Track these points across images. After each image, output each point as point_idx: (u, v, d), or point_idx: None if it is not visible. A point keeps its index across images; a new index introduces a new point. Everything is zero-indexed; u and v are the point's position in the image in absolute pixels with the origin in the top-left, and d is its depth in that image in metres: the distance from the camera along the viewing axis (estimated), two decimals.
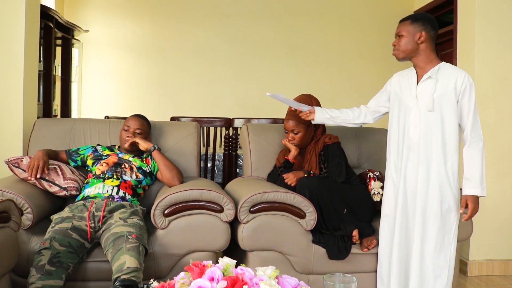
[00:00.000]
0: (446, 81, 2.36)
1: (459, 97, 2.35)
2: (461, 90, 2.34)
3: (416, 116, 2.40)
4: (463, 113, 2.37)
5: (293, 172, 2.83)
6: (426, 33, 2.38)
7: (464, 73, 2.37)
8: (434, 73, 2.38)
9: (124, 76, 5.54)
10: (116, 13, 5.51)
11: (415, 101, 2.41)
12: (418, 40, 2.38)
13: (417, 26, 2.39)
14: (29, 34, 3.21)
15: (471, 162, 2.35)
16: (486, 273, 3.53)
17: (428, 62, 2.41)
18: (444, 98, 2.35)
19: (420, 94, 2.40)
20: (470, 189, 2.35)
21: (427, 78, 2.39)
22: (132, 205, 2.62)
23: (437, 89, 2.36)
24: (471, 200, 2.34)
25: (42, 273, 2.08)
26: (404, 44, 2.41)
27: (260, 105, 5.53)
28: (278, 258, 2.57)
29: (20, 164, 2.64)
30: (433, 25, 2.41)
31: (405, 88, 2.48)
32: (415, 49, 2.40)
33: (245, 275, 1.39)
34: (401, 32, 2.42)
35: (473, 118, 2.35)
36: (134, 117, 2.96)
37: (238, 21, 5.59)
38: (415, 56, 2.42)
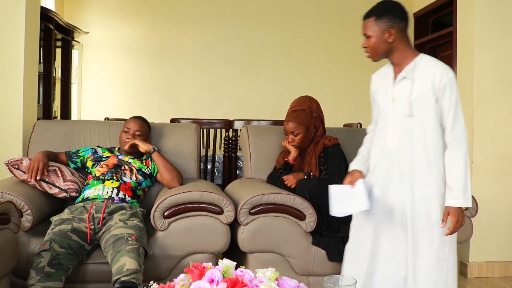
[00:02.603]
0: (423, 80, 2.08)
1: (438, 95, 2.07)
2: (440, 88, 2.06)
3: (394, 122, 2.15)
4: (444, 113, 2.08)
5: (293, 174, 2.83)
6: (395, 28, 2.09)
7: (442, 68, 2.08)
8: (410, 72, 2.11)
9: (124, 78, 5.54)
10: (116, 15, 5.51)
11: (392, 104, 2.16)
12: (388, 39, 2.10)
13: (382, 24, 2.09)
14: (29, 36, 3.21)
15: (452, 168, 2.08)
16: (486, 275, 3.53)
17: (404, 59, 2.14)
18: (422, 99, 2.08)
19: (397, 96, 2.15)
20: (452, 199, 2.06)
21: (402, 78, 2.14)
22: (132, 207, 2.62)
23: (414, 90, 2.09)
24: (453, 212, 2.05)
25: (41, 275, 2.08)
26: (375, 47, 2.13)
27: (260, 107, 5.54)
28: (278, 260, 2.57)
29: (20, 165, 2.63)
30: (401, 14, 2.12)
31: (382, 90, 2.24)
32: (388, 49, 2.12)
33: (245, 277, 1.38)
34: (368, 33, 2.13)
35: (454, 118, 2.06)
36: (134, 119, 2.96)
37: (237, 23, 5.60)
38: (390, 54, 2.15)
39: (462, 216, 2.08)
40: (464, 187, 2.06)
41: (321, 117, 2.95)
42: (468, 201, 2.07)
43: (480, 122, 3.49)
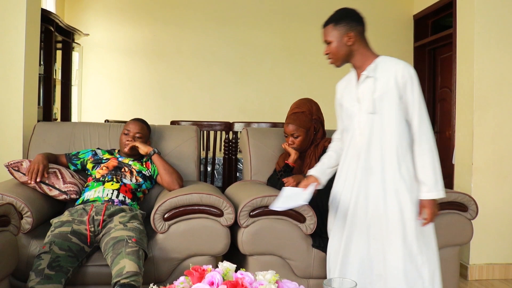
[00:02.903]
0: (386, 78, 2.14)
1: (401, 92, 2.12)
2: (403, 84, 2.11)
3: (361, 122, 2.19)
4: (408, 109, 2.13)
5: (293, 176, 2.83)
6: (354, 31, 2.18)
7: (403, 64, 2.15)
8: (372, 71, 2.17)
9: (124, 80, 5.55)
10: (117, 17, 5.52)
11: (358, 105, 2.21)
12: (348, 43, 2.18)
13: (341, 28, 2.19)
14: (29, 38, 3.22)
15: (421, 163, 2.12)
16: (486, 277, 3.52)
17: (365, 61, 2.21)
18: (386, 96, 2.13)
19: (361, 96, 2.19)
20: (425, 193, 2.12)
21: (365, 78, 2.19)
22: (132, 209, 2.62)
23: (377, 88, 2.14)
24: (428, 204, 2.12)
25: (41, 277, 2.07)
26: (336, 52, 2.21)
27: (260, 109, 5.55)
28: (278, 263, 2.57)
29: (20, 167, 2.63)
30: (357, 19, 2.23)
31: (347, 94, 2.29)
32: (349, 52, 2.20)
33: (245, 279, 1.39)
34: (328, 39, 2.22)
35: (419, 112, 2.12)
36: (134, 121, 2.97)
37: (238, 25, 5.60)
38: (351, 58, 2.22)
39: (437, 207, 2.16)
40: (435, 180, 2.11)
41: (321, 119, 2.95)
42: (440, 192, 2.12)
43: (480, 124, 3.49)
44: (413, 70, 2.15)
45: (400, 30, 5.61)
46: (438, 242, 2.69)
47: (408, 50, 5.59)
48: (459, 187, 3.60)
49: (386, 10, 5.67)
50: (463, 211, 2.74)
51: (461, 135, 3.68)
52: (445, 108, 5.05)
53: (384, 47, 5.57)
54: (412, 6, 5.58)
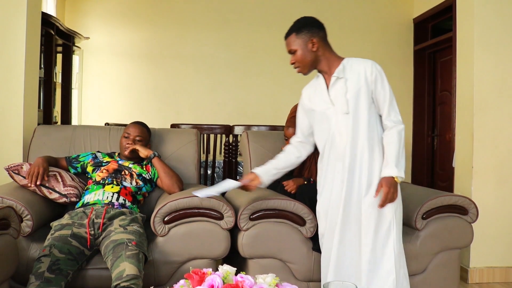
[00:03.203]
0: (356, 76, 2.23)
1: (373, 87, 2.22)
2: (373, 80, 2.21)
3: (338, 122, 2.24)
4: (380, 102, 2.23)
5: (293, 179, 2.83)
6: (316, 37, 2.25)
7: (370, 62, 2.25)
8: (341, 72, 2.24)
9: (125, 83, 5.55)
10: (117, 20, 5.53)
11: (333, 107, 2.26)
12: (312, 49, 2.25)
13: (304, 36, 2.26)
14: (30, 41, 3.22)
15: (388, 145, 2.21)
16: (487, 280, 3.52)
17: (332, 64, 2.28)
18: (359, 95, 2.21)
19: (335, 98, 2.25)
20: (385, 170, 2.19)
21: (335, 79, 2.25)
22: (132, 212, 2.62)
23: (349, 88, 2.22)
24: (385, 182, 2.16)
25: (41, 280, 2.07)
26: (302, 59, 2.27)
27: (260, 112, 5.54)
28: (278, 266, 2.56)
29: (20, 171, 2.64)
30: (317, 25, 2.30)
31: (317, 98, 2.34)
32: (315, 58, 2.27)
33: (245, 282, 1.38)
34: (293, 48, 2.29)
35: (389, 105, 2.23)
36: (134, 124, 2.97)
37: (238, 28, 5.61)
38: (318, 63, 2.29)
39: (395, 188, 2.19)
40: (397, 159, 2.18)
41: None
42: (400, 172, 2.18)
43: (480, 127, 3.49)
44: (380, 66, 2.26)
45: (400, 34, 5.62)
46: (439, 245, 2.71)
47: (408, 53, 5.59)
48: (460, 190, 3.60)
49: (386, 13, 5.68)
50: (463, 214, 2.74)
51: (461, 138, 3.68)
52: (445, 111, 5.05)
53: (384, 50, 5.63)
54: (412, 9, 5.59)
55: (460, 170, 3.69)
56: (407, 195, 2.77)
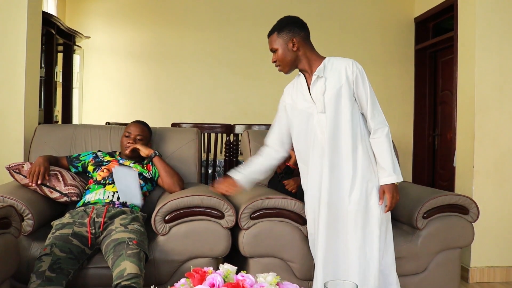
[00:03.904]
0: (337, 76, 2.23)
1: (354, 87, 2.23)
2: (353, 79, 2.22)
3: (320, 121, 2.25)
4: (362, 102, 2.24)
5: (294, 179, 2.83)
6: (297, 37, 2.27)
7: (351, 61, 2.25)
8: (321, 71, 2.25)
9: (125, 82, 5.55)
10: (118, 19, 5.53)
11: (314, 105, 2.28)
12: (293, 48, 2.27)
13: (284, 35, 2.28)
14: (30, 41, 3.22)
15: (379, 150, 2.23)
16: (487, 280, 3.52)
17: (313, 63, 2.30)
18: (340, 94, 2.22)
19: (315, 97, 2.27)
20: (385, 178, 2.22)
21: (316, 78, 2.27)
22: (133, 211, 2.62)
23: (328, 87, 2.23)
24: (388, 189, 2.21)
25: (42, 279, 2.07)
26: (283, 58, 2.30)
27: (261, 111, 5.54)
28: (279, 265, 2.56)
29: (21, 170, 2.64)
30: (299, 25, 2.32)
31: (298, 97, 2.36)
32: (296, 57, 2.29)
33: (246, 281, 1.38)
34: (274, 47, 2.31)
35: (372, 105, 2.23)
36: (135, 123, 2.97)
37: (239, 27, 5.61)
38: (299, 63, 2.31)
39: (397, 192, 2.24)
40: (393, 165, 2.22)
41: None
42: (399, 176, 2.22)
43: (481, 127, 3.49)
44: (360, 65, 2.26)
45: (401, 33, 5.62)
46: (439, 245, 2.71)
47: (409, 53, 5.59)
48: (460, 190, 3.60)
49: (387, 13, 5.67)
50: (464, 213, 2.74)
51: (462, 138, 3.68)
52: (446, 111, 5.05)
53: (385, 50, 5.62)
54: (413, 9, 5.58)
55: (461, 170, 3.68)
56: (408, 194, 2.78)
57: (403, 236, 2.70)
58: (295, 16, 2.38)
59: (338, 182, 2.24)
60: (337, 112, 2.23)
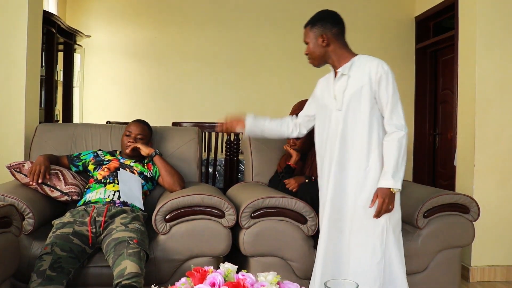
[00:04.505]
0: (360, 75, 2.20)
1: (375, 88, 2.18)
2: (377, 80, 2.17)
3: (336, 118, 2.25)
4: (382, 104, 2.19)
5: (295, 178, 2.83)
6: (328, 33, 2.26)
7: (377, 61, 2.20)
8: (347, 69, 2.23)
9: (126, 82, 5.55)
10: (118, 19, 5.53)
11: (334, 102, 2.27)
12: (322, 44, 2.27)
13: (316, 30, 2.28)
14: (31, 39, 3.22)
15: (387, 152, 2.17)
16: (488, 279, 3.52)
17: (341, 60, 2.28)
18: (359, 93, 2.19)
19: (337, 93, 2.27)
20: (382, 180, 2.16)
21: (340, 76, 2.26)
22: (133, 210, 2.62)
23: (349, 85, 2.21)
24: (380, 193, 2.14)
25: (43, 278, 2.07)
26: (312, 52, 2.31)
27: (261, 111, 5.51)
28: (279, 264, 2.56)
29: (22, 169, 2.64)
30: (333, 21, 2.29)
31: (325, 91, 2.38)
32: (324, 53, 2.29)
33: (247, 280, 1.38)
34: (306, 40, 2.32)
35: (392, 108, 2.17)
36: (136, 123, 2.97)
37: (239, 26, 5.60)
38: (328, 58, 2.30)
39: (391, 199, 2.15)
40: (395, 170, 2.14)
41: None
42: (397, 183, 2.14)
43: (481, 126, 3.49)
44: (387, 66, 2.20)
45: (402, 32, 5.61)
46: (440, 244, 2.71)
47: (410, 52, 5.58)
48: (461, 189, 3.60)
49: (388, 12, 5.67)
50: (464, 213, 2.74)
51: (463, 137, 3.68)
52: (446, 110, 5.04)
53: (385, 49, 5.61)
54: (414, 8, 5.57)
55: (461, 169, 3.68)
56: (408, 193, 2.77)
57: (404, 235, 2.68)
58: (331, 11, 2.36)
59: (345, 182, 2.22)
60: (354, 112, 2.21)
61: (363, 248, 2.19)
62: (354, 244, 2.21)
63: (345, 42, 2.32)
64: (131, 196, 2.69)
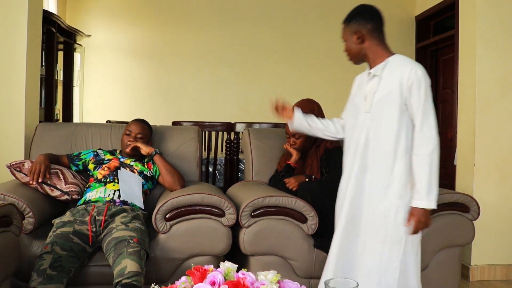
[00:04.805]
0: (391, 79, 2.10)
1: (406, 94, 2.06)
2: (408, 87, 2.05)
3: (363, 119, 2.17)
4: (413, 113, 2.07)
5: (295, 177, 2.83)
6: (362, 29, 2.15)
7: (411, 66, 2.08)
8: (379, 70, 2.14)
9: (126, 81, 5.55)
10: (118, 18, 5.53)
11: (364, 102, 2.19)
12: (357, 41, 2.17)
13: (351, 27, 2.18)
14: (31, 39, 3.22)
15: (417, 170, 2.06)
16: (488, 278, 3.52)
17: (376, 59, 2.17)
18: (388, 97, 2.09)
19: (367, 94, 2.18)
20: (415, 200, 2.07)
21: (372, 77, 2.17)
22: (134, 209, 2.62)
23: (380, 88, 2.12)
24: (415, 213, 2.06)
25: (43, 277, 2.08)
26: (349, 49, 2.22)
27: (261, 110, 5.52)
28: (279, 263, 2.57)
29: (22, 168, 2.64)
30: (367, 16, 2.17)
31: (358, 89, 2.30)
32: (360, 50, 2.19)
33: (247, 279, 1.38)
34: (343, 37, 2.24)
35: (422, 118, 2.05)
36: (136, 122, 2.97)
37: (240, 25, 5.60)
38: (365, 56, 2.20)
39: (426, 217, 2.08)
40: (428, 189, 2.05)
41: None
42: (431, 203, 2.06)
43: (481, 125, 3.49)
44: (421, 72, 2.08)
45: (402, 31, 5.60)
46: (440, 243, 2.71)
47: (410, 51, 5.58)
48: (461, 188, 3.59)
49: (388, 11, 5.58)
50: (464, 212, 2.74)
51: (463, 136, 3.68)
52: (447, 109, 5.04)
53: None
54: (414, 7, 5.57)
55: (461, 168, 3.68)
56: None
57: None
58: (367, 6, 2.24)
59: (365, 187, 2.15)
60: (382, 117, 2.12)
61: (380, 256, 2.12)
62: (370, 249, 2.14)
63: (383, 38, 2.20)
64: (131, 195, 2.69)
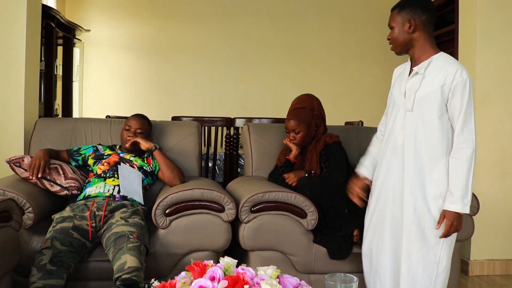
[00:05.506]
0: (434, 78, 2.06)
1: (449, 96, 2.03)
2: (451, 88, 2.02)
3: (402, 117, 2.14)
4: (454, 115, 2.05)
5: (294, 172, 2.83)
6: (416, 19, 2.08)
7: (456, 68, 2.04)
8: (423, 68, 2.09)
9: (126, 76, 5.55)
10: (118, 13, 5.51)
11: (403, 99, 2.15)
12: (408, 30, 2.09)
13: (404, 14, 2.10)
14: (30, 34, 3.21)
15: (454, 172, 2.06)
16: (487, 272, 3.53)
17: (422, 54, 2.12)
18: (429, 97, 2.06)
19: (407, 91, 2.14)
20: (449, 203, 2.05)
21: (414, 74, 2.13)
22: (133, 204, 2.62)
23: (422, 87, 2.08)
24: (448, 216, 2.04)
25: (43, 272, 2.08)
26: (396, 37, 2.13)
27: (261, 105, 5.54)
28: (279, 258, 2.57)
29: (22, 163, 2.64)
30: (424, 7, 2.10)
31: (397, 84, 2.24)
32: (409, 40, 2.11)
33: (246, 274, 1.38)
34: (391, 24, 2.15)
35: (463, 121, 2.05)
36: (135, 117, 2.97)
37: (239, 21, 5.59)
38: (411, 48, 2.13)
39: (459, 221, 2.07)
40: (464, 193, 2.04)
41: (322, 115, 2.95)
42: (465, 208, 2.04)
43: (481, 120, 3.48)
44: (466, 75, 2.04)
45: None
46: None
47: None
48: None
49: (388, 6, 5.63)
50: None
51: None
52: None
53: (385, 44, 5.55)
54: None
55: None
56: None
57: None
58: None
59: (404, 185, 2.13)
60: (425, 117, 2.09)
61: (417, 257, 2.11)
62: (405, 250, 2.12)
63: (432, 33, 2.15)
64: (131, 190, 2.69)
